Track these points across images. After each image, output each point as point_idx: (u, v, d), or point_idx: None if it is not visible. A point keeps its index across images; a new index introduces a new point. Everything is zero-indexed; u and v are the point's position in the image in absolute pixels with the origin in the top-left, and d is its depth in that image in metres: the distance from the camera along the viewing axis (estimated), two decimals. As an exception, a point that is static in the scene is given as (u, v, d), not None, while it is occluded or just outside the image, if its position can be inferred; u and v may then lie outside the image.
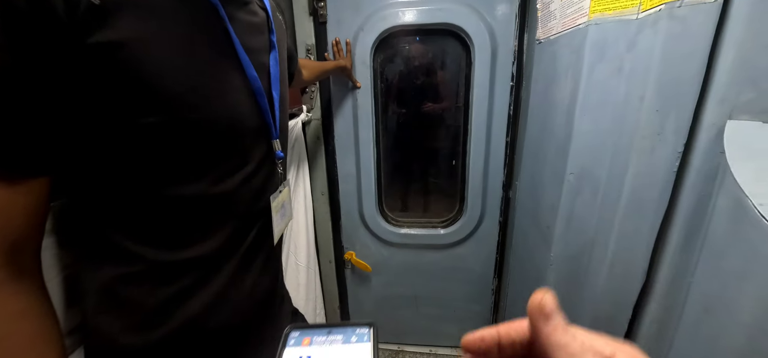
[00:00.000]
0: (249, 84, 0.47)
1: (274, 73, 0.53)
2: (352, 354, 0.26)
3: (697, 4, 0.55)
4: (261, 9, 0.54)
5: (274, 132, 0.53)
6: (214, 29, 0.43)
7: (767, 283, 0.42)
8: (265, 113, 0.50)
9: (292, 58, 0.84)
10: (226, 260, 0.49)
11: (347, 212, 1.48)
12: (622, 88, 0.70)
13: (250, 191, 0.50)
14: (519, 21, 1.18)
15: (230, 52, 0.45)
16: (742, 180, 0.46)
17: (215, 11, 0.43)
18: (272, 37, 0.54)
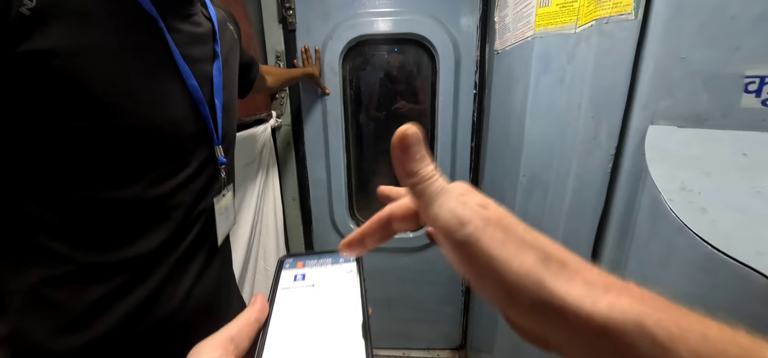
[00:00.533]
0: (189, 93, 0.49)
1: (216, 83, 0.55)
2: (341, 271, 0.29)
3: (620, 20, 0.61)
4: (207, 19, 0.56)
5: (216, 138, 0.55)
6: (151, 40, 0.44)
7: (681, 271, 0.47)
8: (206, 120, 0.52)
9: (251, 65, 0.85)
10: (161, 263, 0.49)
11: (318, 216, 1.48)
12: (563, 97, 0.75)
13: (188, 194, 0.51)
14: (480, 32, 1.24)
15: (169, 61, 0.47)
16: (657, 179, 0.51)
17: (154, 22, 0.44)
18: (216, 47, 0.56)
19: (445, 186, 0.21)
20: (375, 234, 0.26)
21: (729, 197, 0.45)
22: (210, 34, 0.56)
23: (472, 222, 0.19)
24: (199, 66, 0.52)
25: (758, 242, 0.39)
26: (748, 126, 0.50)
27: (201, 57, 0.53)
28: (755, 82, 0.49)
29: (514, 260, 0.18)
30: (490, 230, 0.19)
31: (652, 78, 0.59)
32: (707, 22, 0.52)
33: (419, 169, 0.21)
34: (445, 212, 0.20)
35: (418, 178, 0.21)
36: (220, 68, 0.56)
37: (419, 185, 0.21)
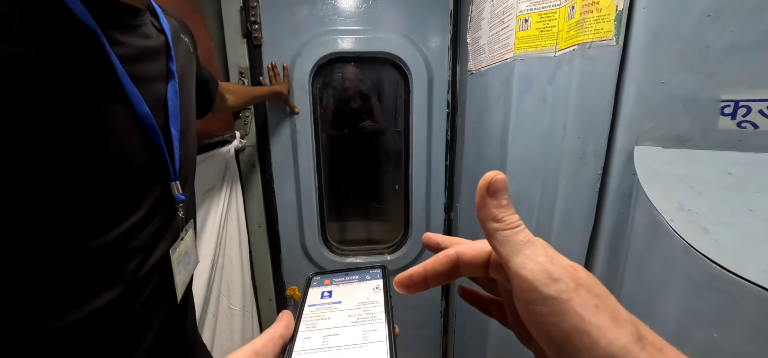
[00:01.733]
0: (139, 119, 0.41)
1: (172, 106, 0.47)
2: (368, 287, 0.30)
3: (603, 46, 0.63)
4: (158, 31, 0.48)
5: (172, 173, 0.47)
6: (90, 57, 0.37)
7: (686, 291, 0.47)
8: (160, 152, 0.44)
9: (209, 82, 0.77)
10: (111, 328, 0.41)
11: (288, 244, 1.38)
12: (547, 117, 0.77)
13: (141, 240, 0.43)
14: (451, 53, 1.26)
15: (112, 83, 0.39)
16: (653, 199, 0.52)
17: (93, 37, 0.37)
18: (171, 65, 0.48)
19: (531, 238, 0.21)
20: (441, 274, 0.25)
21: (725, 216, 0.46)
22: (163, 48, 0.48)
23: (562, 280, 0.18)
24: (150, 87, 0.44)
25: (763, 261, 0.41)
26: (726, 146, 0.53)
27: (152, 76, 0.45)
28: (730, 105, 0.52)
29: (609, 332, 0.17)
30: (583, 293, 0.18)
31: (635, 101, 0.61)
32: (684, 50, 0.55)
33: (505, 216, 0.21)
34: (533, 263, 0.19)
35: (504, 224, 0.21)
36: (176, 89, 0.48)
37: (503, 232, 0.21)
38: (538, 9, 0.74)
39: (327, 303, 0.29)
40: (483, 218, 0.22)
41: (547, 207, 0.77)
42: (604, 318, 0.17)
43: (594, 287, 0.19)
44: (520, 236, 0.21)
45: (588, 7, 0.63)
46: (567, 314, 0.18)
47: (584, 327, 0.17)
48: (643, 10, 0.58)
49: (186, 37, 0.59)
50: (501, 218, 0.21)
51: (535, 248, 0.20)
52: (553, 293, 0.18)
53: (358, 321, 0.26)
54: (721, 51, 0.52)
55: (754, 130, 0.51)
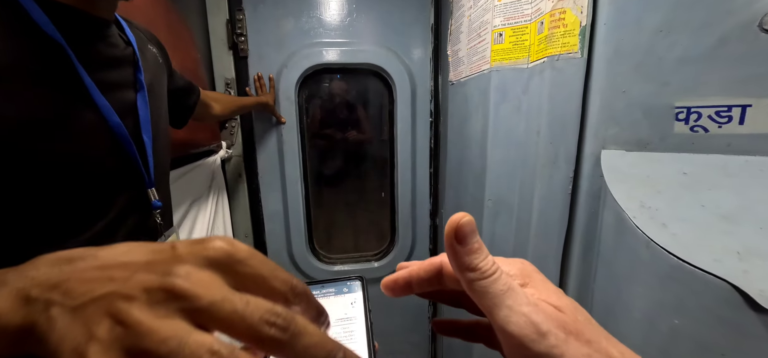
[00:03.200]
0: (109, 128, 0.42)
1: (143, 116, 0.48)
2: (345, 302, 0.28)
3: (569, 58, 0.68)
4: (125, 43, 0.50)
5: (148, 180, 0.48)
6: (57, 69, 0.38)
7: (649, 282, 0.51)
8: (134, 161, 0.46)
9: (189, 90, 0.78)
10: None
11: (275, 253, 1.38)
12: (522, 124, 0.81)
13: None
14: (433, 64, 1.31)
15: (81, 93, 0.40)
16: (619, 198, 0.57)
17: (60, 49, 0.38)
18: (139, 75, 0.49)
19: (511, 284, 0.19)
20: (424, 281, 0.24)
21: (681, 211, 0.51)
22: (130, 59, 0.50)
23: (551, 333, 0.17)
24: (119, 95, 0.46)
25: (713, 251, 0.45)
26: (681, 148, 0.58)
27: (120, 84, 0.47)
28: (683, 111, 0.57)
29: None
30: (573, 343, 0.17)
31: (600, 108, 0.66)
32: (641, 62, 0.60)
33: (479, 263, 0.19)
34: (518, 317, 0.18)
35: (480, 273, 0.19)
36: (145, 99, 0.50)
37: (481, 282, 0.19)
38: (511, 24, 0.79)
39: None
40: (457, 268, 0.20)
41: (525, 210, 0.81)
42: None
43: (584, 332, 0.18)
44: (499, 284, 0.19)
45: (555, 22, 0.68)
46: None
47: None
48: (604, 26, 0.63)
49: (154, 48, 0.61)
50: (475, 265, 0.19)
51: (516, 296, 0.19)
52: (543, 350, 0.17)
53: (337, 337, 0.25)
54: (673, 63, 0.57)
55: (705, 133, 0.56)
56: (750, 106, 0.52)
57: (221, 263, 0.18)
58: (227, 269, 0.18)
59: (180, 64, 0.94)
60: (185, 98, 0.78)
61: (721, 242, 0.46)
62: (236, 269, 0.18)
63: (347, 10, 1.24)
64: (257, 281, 0.18)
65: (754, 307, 0.41)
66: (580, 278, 0.71)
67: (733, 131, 0.54)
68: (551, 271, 0.76)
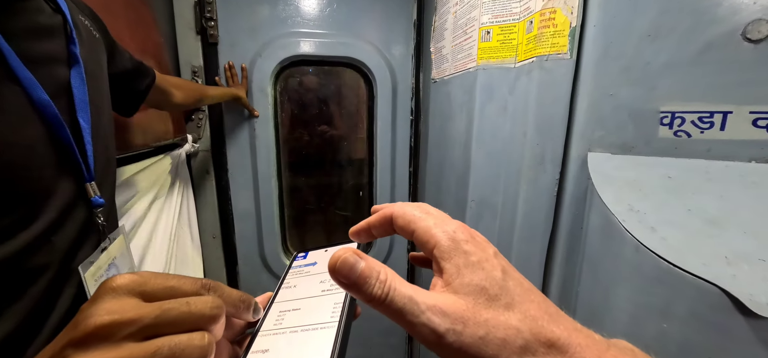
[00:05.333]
0: (36, 108, 0.36)
1: (78, 96, 0.42)
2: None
3: (559, 59, 0.68)
4: (53, 10, 0.42)
5: (86, 173, 0.42)
6: None
7: (637, 286, 0.51)
8: (68, 147, 0.39)
9: (139, 72, 0.69)
10: (18, 354, 0.35)
11: (246, 255, 1.29)
12: (507, 125, 0.80)
13: (51, 253, 0.38)
14: (415, 61, 1.28)
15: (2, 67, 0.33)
16: (607, 201, 0.57)
17: None
18: (73, 48, 0.42)
19: (407, 297, 0.19)
20: (380, 228, 0.27)
21: (668, 215, 0.51)
22: (60, 28, 0.42)
23: (449, 330, 0.18)
24: (48, 70, 0.39)
25: (702, 256, 0.45)
26: (665, 153, 0.59)
27: (49, 57, 0.40)
28: (668, 116, 0.58)
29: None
30: (469, 329, 0.18)
31: (587, 111, 0.66)
32: (628, 66, 0.61)
33: (371, 292, 0.19)
34: (420, 327, 0.18)
35: (375, 302, 0.19)
36: (82, 76, 0.43)
37: (383, 305, 0.19)
38: (499, 22, 0.78)
39: (304, 265, 0.33)
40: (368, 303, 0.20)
41: (510, 212, 0.80)
42: (492, 344, 0.18)
43: (480, 313, 0.19)
44: (396, 303, 0.19)
45: (545, 22, 0.67)
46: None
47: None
48: (594, 27, 0.63)
49: (87, 20, 0.52)
50: (369, 296, 0.19)
51: (414, 307, 0.19)
52: (445, 347, 0.18)
53: (327, 292, 0.29)
54: (659, 68, 0.58)
55: (688, 138, 0.57)
56: (731, 112, 0.54)
57: (133, 291, 0.20)
58: (139, 294, 0.20)
59: (140, 47, 0.84)
60: (135, 81, 0.68)
61: (709, 247, 0.46)
62: (146, 290, 0.21)
63: (327, 0, 1.18)
64: (170, 293, 0.21)
65: (742, 311, 0.41)
66: (564, 279, 0.71)
67: (714, 137, 0.55)
68: (535, 273, 0.76)
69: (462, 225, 0.23)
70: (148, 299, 0.21)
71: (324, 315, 0.26)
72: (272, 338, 0.26)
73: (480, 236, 0.23)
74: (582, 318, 0.62)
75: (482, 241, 0.22)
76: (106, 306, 0.19)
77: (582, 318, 0.62)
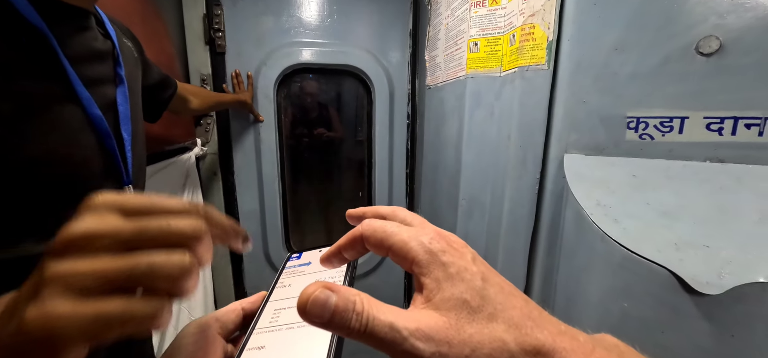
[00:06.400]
0: (91, 123, 0.42)
1: (123, 111, 0.48)
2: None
3: (538, 69, 0.74)
4: (104, 37, 0.49)
5: (125, 177, 0.47)
6: (39, 59, 0.37)
7: (604, 272, 0.58)
8: (113, 156, 0.45)
9: (164, 83, 0.77)
10: None
11: (251, 253, 1.36)
12: (494, 129, 0.87)
13: None
14: (411, 68, 1.35)
15: (63, 85, 0.39)
16: (579, 197, 0.63)
17: (42, 38, 0.37)
18: (119, 70, 0.49)
19: (389, 322, 0.18)
20: (350, 250, 0.25)
21: (630, 209, 0.58)
22: (110, 53, 0.49)
23: (435, 354, 0.17)
24: (101, 90, 0.45)
25: (656, 243, 0.52)
26: (632, 154, 0.66)
27: (101, 78, 0.46)
28: (634, 121, 0.65)
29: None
30: (456, 347, 0.18)
31: (563, 116, 0.73)
32: (599, 76, 0.67)
33: (350, 325, 0.18)
34: (406, 354, 0.18)
35: (357, 334, 0.18)
36: (125, 94, 0.49)
37: (363, 337, 0.18)
38: (486, 35, 0.85)
39: (297, 266, 0.33)
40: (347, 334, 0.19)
41: (497, 208, 0.87)
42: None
43: (465, 328, 0.18)
44: (378, 334, 0.18)
45: (525, 36, 0.74)
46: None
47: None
48: (568, 41, 0.69)
49: (129, 42, 0.60)
50: (348, 331, 0.18)
51: (396, 335, 0.18)
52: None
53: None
54: (625, 77, 0.65)
55: (651, 141, 0.64)
56: (688, 118, 0.60)
57: (113, 207, 0.20)
58: (121, 211, 0.20)
59: (154, 57, 0.91)
60: (161, 92, 0.77)
61: (662, 235, 0.52)
62: (126, 206, 0.20)
63: (328, 11, 1.25)
64: (152, 210, 0.20)
65: (688, 290, 0.47)
66: (545, 270, 0.77)
67: (674, 139, 0.62)
68: (519, 265, 0.82)
69: (437, 232, 0.22)
70: (130, 217, 0.20)
71: None
72: (268, 334, 0.25)
73: (457, 241, 0.22)
74: (560, 304, 0.69)
75: (460, 247, 0.21)
76: (85, 219, 0.19)
77: (560, 304, 0.69)
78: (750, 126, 0.56)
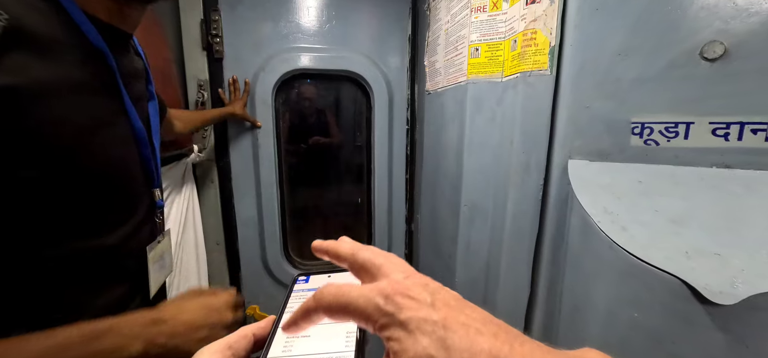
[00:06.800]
0: (135, 133, 0.48)
1: (154, 123, 0.54)
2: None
3: (540, 75, 0.74)
4: (136, 55, 0.54)
5: (156, 181, 0.54)
6: (101, 77, 0.42)
7: (612, 280, 0.57)
8: (147, 162, 0.51)
9: (162, 106, 0.79)
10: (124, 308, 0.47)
11: (248, 261, 1.34)
12: (496, 134, 0.86)
13: (136, 243, 0.49)
14: (410, 74, 1.35)
15: (117, 100, 0.45)
16: (585, 204, 0.62)
17: (103, 58, 0.42)
18: (150, 87, 0.55)
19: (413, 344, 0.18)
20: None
21: (638, 216, 0.57)
22: (143, 71, 0.55)
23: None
24: (140, 105, 0.51)
25: (666, 251, 0.51)
26: (637, 159, 0.65)
27: (140, 95, 0.52)
28: (638, 126, 0.64)
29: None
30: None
31: (567, 122, 0.72)
32: (602, 81, 0.67)
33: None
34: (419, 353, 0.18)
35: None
36: (156, 108, 0.56)
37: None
38: (487, 40, 0.84)
39: (306, 291, 0.31)
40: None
41: (499, 215, 0.86)
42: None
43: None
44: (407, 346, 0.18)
45: (527, 41, 0.74)
46: None
47: None
48: (570, 47, 0.69)
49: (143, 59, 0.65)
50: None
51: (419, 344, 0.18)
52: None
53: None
54: (629, 83, 0.64)
55: (656, 146, 0.63)
56: (693, 123, 0.60)
57: None
58: None
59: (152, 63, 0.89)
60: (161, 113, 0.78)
61: (672, 243, 0.51)
62: None
63: (326, 16, 1.24)
64: None
65: (700, 299, 0.46)
66: (550, 279, 0.76)
67: (680, 145, 0.61)
68: (523, 273, 0.81)
69: (392, 284, 0.21)
70: None
71: (338, 344, 0.25)
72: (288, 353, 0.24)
73: (415, 285, 0.21)
74: (566, 313, 0.68)
75: (417, 293, 0.20)
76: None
77: (566, 313, 0.68)
78: (756, 131, 0.55)
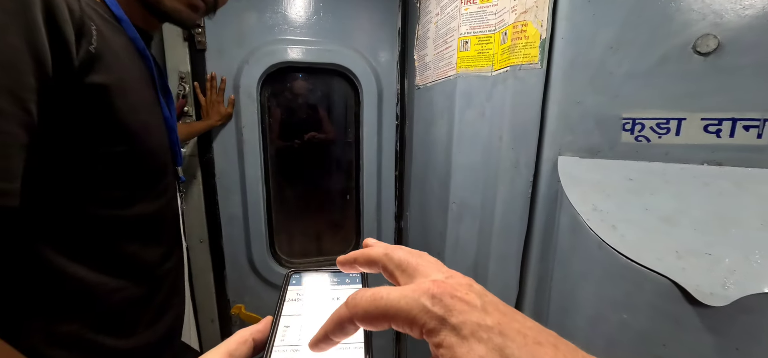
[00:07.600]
0: (165, 120, 0.58)
1: (173, 112, 0.64)
2: (346, 291, 0.29)
3: (530, 68, 0.72)
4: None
5: (179, 160, 0.65)
6: (146, 75, 0.53)
7: (601, 280, 0.55)
8: (174, 145, 0.62)
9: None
10: (165, 277, 0.59)
11: (233, 259, 1.30)
12: (485, 130, 0.84)
13: (171, 211, 0.61)
14: (400, 68, 1.32)
15: (155, 93, 0.56)
16: (574, 202, 0.60)
17: (145, 59, 0.53)
18: (165, 81, 0.63)
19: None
20: (340, 333, 0.23)
21: (628, 214, 0.55)
22: (161, 67, 0.65)
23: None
24: (165, 97, 0.61)
25: (656, 251, 0.49)
26: (627, 156, 0.63)
27: (164, 88, 0.61)
28: (629, 122, 0.63)
29: None
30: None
31: (557, 117, 0.70)
32: (594, 75, 0.65)
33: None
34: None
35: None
36: (172, 100, 0.65)
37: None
38: (476, 33, 0.82)
39: (304, 298, 0.29)
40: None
41: (488, 212, 0.84)
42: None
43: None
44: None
45: (517, 34, 0.71)
46: None
47: None
48: (562, 39, 0.67)
49: None
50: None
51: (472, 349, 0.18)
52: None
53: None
54: (621, 77, 0.62)
55: (647, 143, 0.62)
56: (684, 119, 0.58)
57: None
58: None
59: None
60: None
61: (663, 243, 0.50)
62: None
63: (313, 8, 1.21)
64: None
65: (690, 301, 0.45)
66: (539, 278, 0.75)
67: (671, 142, 0.60)
68: (511, 271, 0.79)
69: (438, 284, 0.19)
70: None
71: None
72: (291, 354, 0.24)
73: (461, 286, 0.19)
74: (554, 314, 0.66)
75: (464, 293, 0.19)
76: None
77: (554, 314, 0.66)
78: (749, 128, 0.54)
